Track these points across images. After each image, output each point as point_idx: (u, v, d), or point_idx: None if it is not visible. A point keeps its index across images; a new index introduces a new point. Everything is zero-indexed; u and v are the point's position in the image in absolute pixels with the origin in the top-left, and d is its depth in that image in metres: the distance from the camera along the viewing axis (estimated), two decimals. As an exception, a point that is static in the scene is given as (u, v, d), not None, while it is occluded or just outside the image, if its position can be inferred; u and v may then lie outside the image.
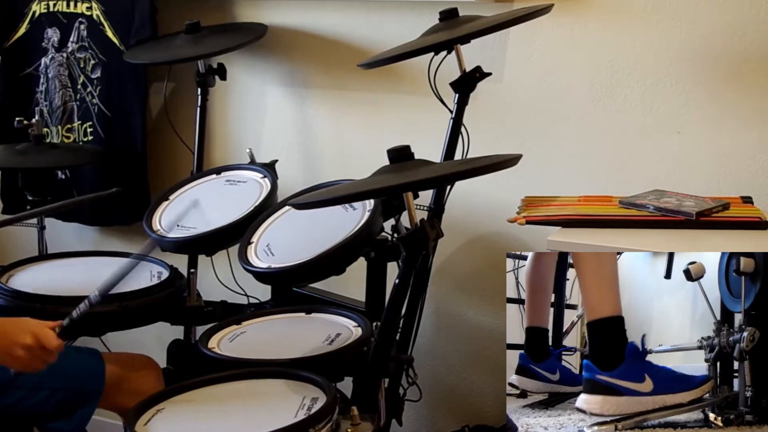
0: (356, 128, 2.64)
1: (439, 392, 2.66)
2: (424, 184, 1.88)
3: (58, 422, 1.95)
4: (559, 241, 1.90)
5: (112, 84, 2.82)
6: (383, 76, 2.53)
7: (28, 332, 1.70)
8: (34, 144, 2.57)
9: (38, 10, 2.88)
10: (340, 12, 2.59)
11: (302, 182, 2.56)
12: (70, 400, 1.94)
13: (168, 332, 2.37)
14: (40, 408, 1.92)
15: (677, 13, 2.23)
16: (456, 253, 2.55)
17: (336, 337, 1.99)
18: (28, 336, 1.70)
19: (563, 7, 2.27)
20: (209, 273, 2.57)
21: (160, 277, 2.24)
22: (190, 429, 1.70)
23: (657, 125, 2.29)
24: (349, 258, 2.09)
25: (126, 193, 2.86)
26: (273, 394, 1.78)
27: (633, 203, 2.03)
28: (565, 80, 2.36)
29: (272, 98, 2.75)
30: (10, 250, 3.11)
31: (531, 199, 2.15)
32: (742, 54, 2.19)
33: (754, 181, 2.21)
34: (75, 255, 2.45)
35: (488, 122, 2.42)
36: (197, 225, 2.31)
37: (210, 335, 2.03)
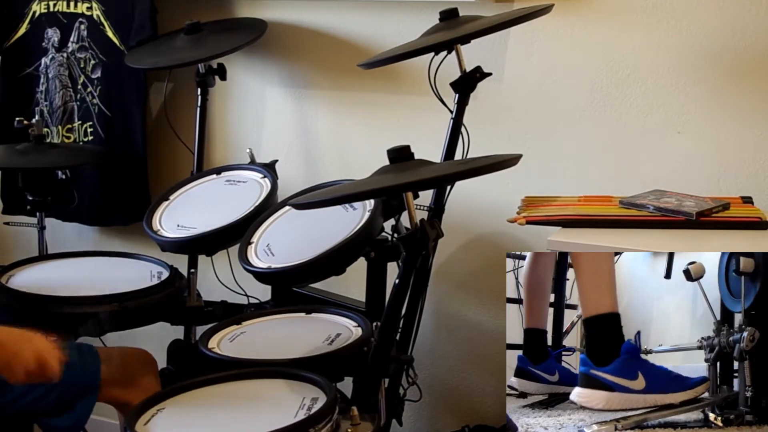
0: (356, 128, 2.64)
1: (439, 392, 2.66)
2: (424, 184, 1.88)
3: (58, 418, 1.95)
4: (559, 241, 1.90)
5: (112, 84, 2.82)
6: (383, 76, 2.53)
7: (33, 356, 1.69)
8: (34, 144, 2.57)
9: (38, 10, 2.88)
10: (340, 12, 2.59)
11: (302, 182, 2.56)
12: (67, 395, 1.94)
13: (168, 332, 2.37)
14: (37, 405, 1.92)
15: (677, 13, 2.23)
16: (456, 253, 2.55)
17: (336, 337, 1.99)
18: (31, 360, 1.69)
19: (563, 7, 2.27)
20: (209, 273, 2.57)
21: (160, 277, 2.24)
22: (190, 429, 1.70)
23: (657, 125, 2.29)
24: (349, 258, 2.08)
25: (126, 193, 2.87)
26: (273, 394, 1.77)
27: (633, 203, 2.03)
28: (565, 80, 2.36)
29: (272, 98, 2.75)
30: (10, 250, 3.11)
31: (531, 199, 2.15)
32: (742, 54, 2.19)
33: (754, 181, 2.21)
34: (75, 255, 2.45)
35: (488, 122, 2.42)
36: (197, 225, 2.31)
37: (210, 335, 2.03)
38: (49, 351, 1.72)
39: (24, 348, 1.70)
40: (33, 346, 1.72)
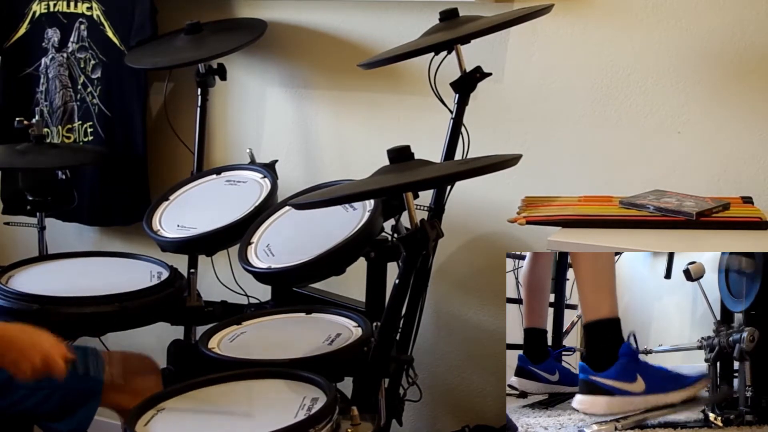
0: (356, 128, 2.64)
1: (439, 392, 2.66)
2: (424, 184, 1.88)
3: (60, 422, 1.95)
4: (559, 241, 1.90)
5: (112, 84, 2.82)
6: (383, 76, 2.53)
7: (39, 354, 1.70)
8: (34, 144, 2.57)
9: (38, 10, 2.88)
10: (340, 12, 2.59)
11: (302, 182, 2.56)
12: (69, 399, 1.94)
13: (168, 332, 2.37)
14: (40, 407, 1.92)
15: (677, 13, 2.23)
16: (456, 253, 2.55)
17: (336, 337, 1.99)
18: (37, 358, 1.70)
19: (563, 7, 2.27)
20: (209, 273, 2.57)
21: (160, 277, 2.24)
22: (190, 429, 1.70)
23: (657, 125, 2.29)
24: (349, 258, 2.09)
25: (126, 193, 2.87)
26: (273, 394, 1.78)
27: (633, 203, 2.03)
28: (565, 80, 2.36)
29: (272, 98, 2.75)
30: (10, 250, 3.11)
31: (531, 199, 2.15)
32: (742, 54, 2.19)
33: (754, 181, 2.21)
34: (75, 255, 2.45)
35: (488, 122, 2.42)
36: (197, 225, 2.31)
37: (210, 335, 2.03)
38: (55, 349, 1.73)
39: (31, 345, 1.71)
40: (40, 344, 1.73)
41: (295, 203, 1.95)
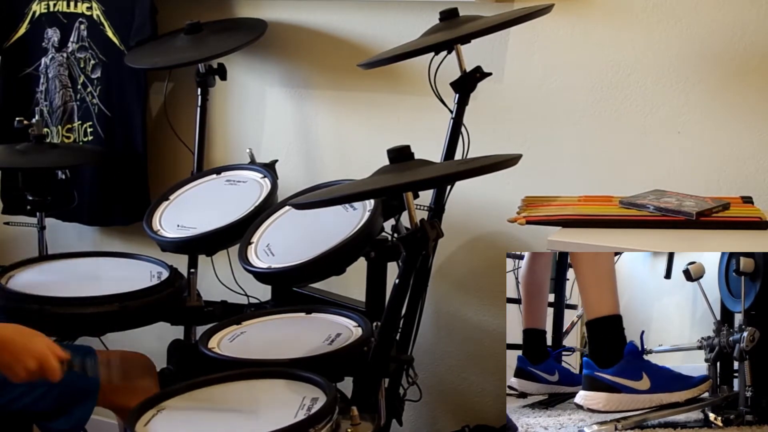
0: (356, 128, 2.64)
1: (439, 392, 2.66)
2: (424, 184, 1.88)
3: (57, 421, 1.95)
4: (559, 241, 1.90)
5: (112, 84, 2.82)
6: (383, 76, 2.53)
7: (35, 357, 1.70)
8: (34, 144, 2.57)
9: (38, 10, 2.88)
10: (340, 12, 2.59)
11: (302, 182, 2.56)
12: (65, 398, 1.94)
13: (168, 332, 2.37)
14: (36, 406, 1.92)
15: (677, 13, 2.23)
16: (456, 253, 2.55)
17: (336, 337, 1.99)
18: (33, 361, 1.70)
19: (563, 7, 2.27)
20: (209, 273, 2.57)
21: (160, 277, 2.24)
22: (190, 429, 1.70)
23: (657, 125, 2.29)
24: (349, 258, 2.09)
25: (126, 193, 2.87)
26: (273, 394, 1.78)
27: (633, 203, 2.03)
28: (565, 80, 2.36)
29: (272, 98, 2.75)
30: (10, 250, 3.11)
31: (531, 199, 2.15)
32: (742, 54, 2.19)
33: (754, 181, 2.21)
34: (75, 255, 2.45)
35: (488, 122, 2.42)
36: (197, 225, 2.31)
37: (210, 335, 2.03)
38: (50, 351, 1.72)
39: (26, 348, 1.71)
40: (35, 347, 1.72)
41: (295, 203, 1.95)
